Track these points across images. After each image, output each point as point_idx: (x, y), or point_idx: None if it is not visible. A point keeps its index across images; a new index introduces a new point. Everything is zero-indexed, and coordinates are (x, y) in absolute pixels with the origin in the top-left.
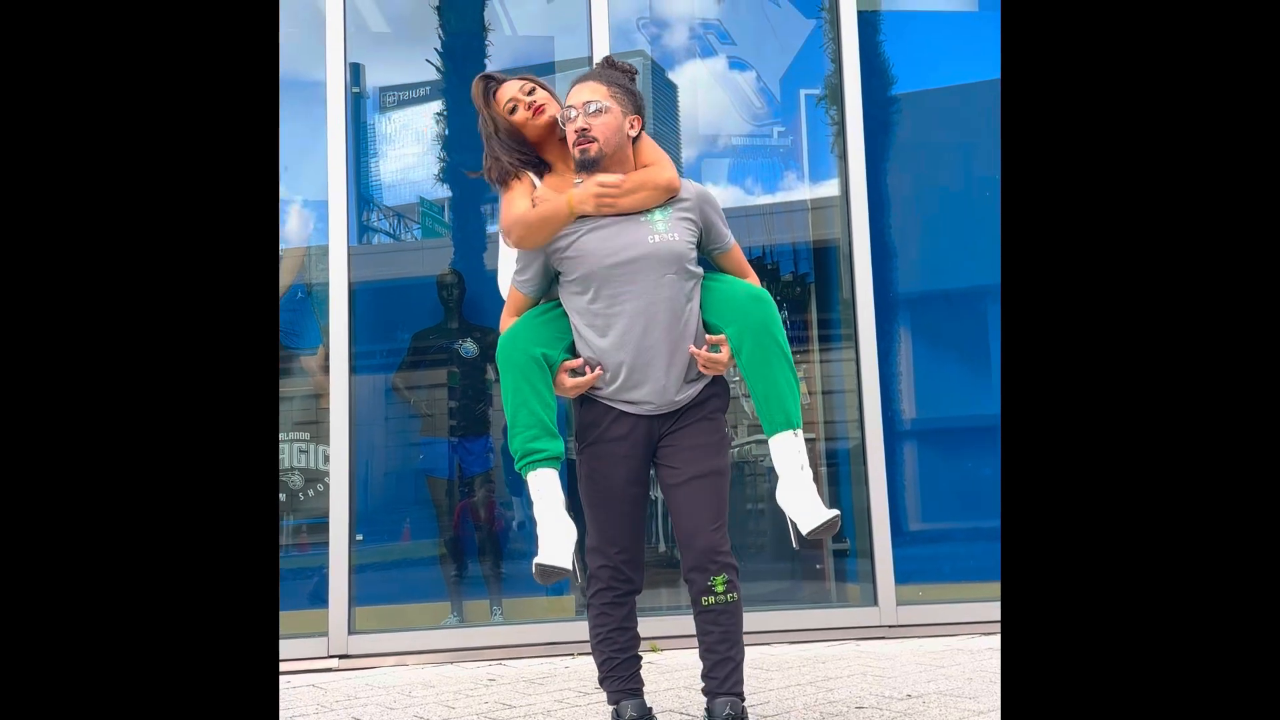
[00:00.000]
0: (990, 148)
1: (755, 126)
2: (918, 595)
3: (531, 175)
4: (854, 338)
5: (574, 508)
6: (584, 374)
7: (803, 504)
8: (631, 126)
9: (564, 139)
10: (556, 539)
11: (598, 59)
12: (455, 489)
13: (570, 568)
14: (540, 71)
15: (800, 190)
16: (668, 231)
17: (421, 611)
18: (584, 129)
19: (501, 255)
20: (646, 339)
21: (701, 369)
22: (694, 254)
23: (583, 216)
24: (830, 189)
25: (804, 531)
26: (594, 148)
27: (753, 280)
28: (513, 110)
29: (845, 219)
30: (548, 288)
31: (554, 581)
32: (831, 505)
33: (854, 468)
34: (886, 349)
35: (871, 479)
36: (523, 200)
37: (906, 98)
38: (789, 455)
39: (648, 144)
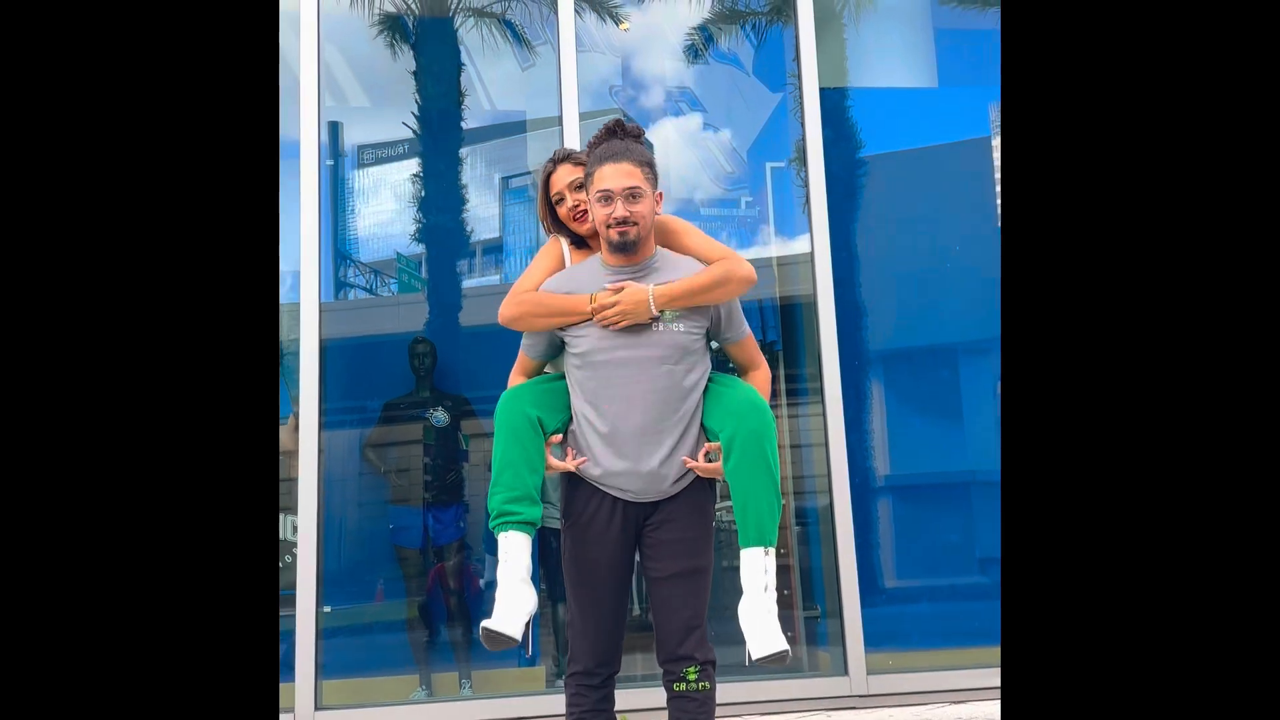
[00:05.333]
0: (956, 206)
1: (725, 191)
2: (888, 664)
3: (564, 242)
4: (820, 393)
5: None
6: (564, 454)
7: (759, 628)
8: (657, 202)
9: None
10: (512, 606)
11: (569, 121)
12: (425, 559)
13: (519, 638)
14: (512, 131)
15: (768, 248)
16: (672, 322)
17: (389, 685)
18: (625, 217)
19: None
20: (631, 425)
21: (697, 471)
22: (699, 344)
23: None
24: (796, 246)
25: (754, 657)
26: (634, 232)
27: (761, 369)
28: (558, 201)
29: (811, 279)
30: (553, 356)
31: (500, 649)
32: (801, 564)
33: (823, 526)
34: (857, 406)
35: (840, 538)
36: (541, 271)
37: (872, 160)
38: (755, 574)
39: (688, 229)
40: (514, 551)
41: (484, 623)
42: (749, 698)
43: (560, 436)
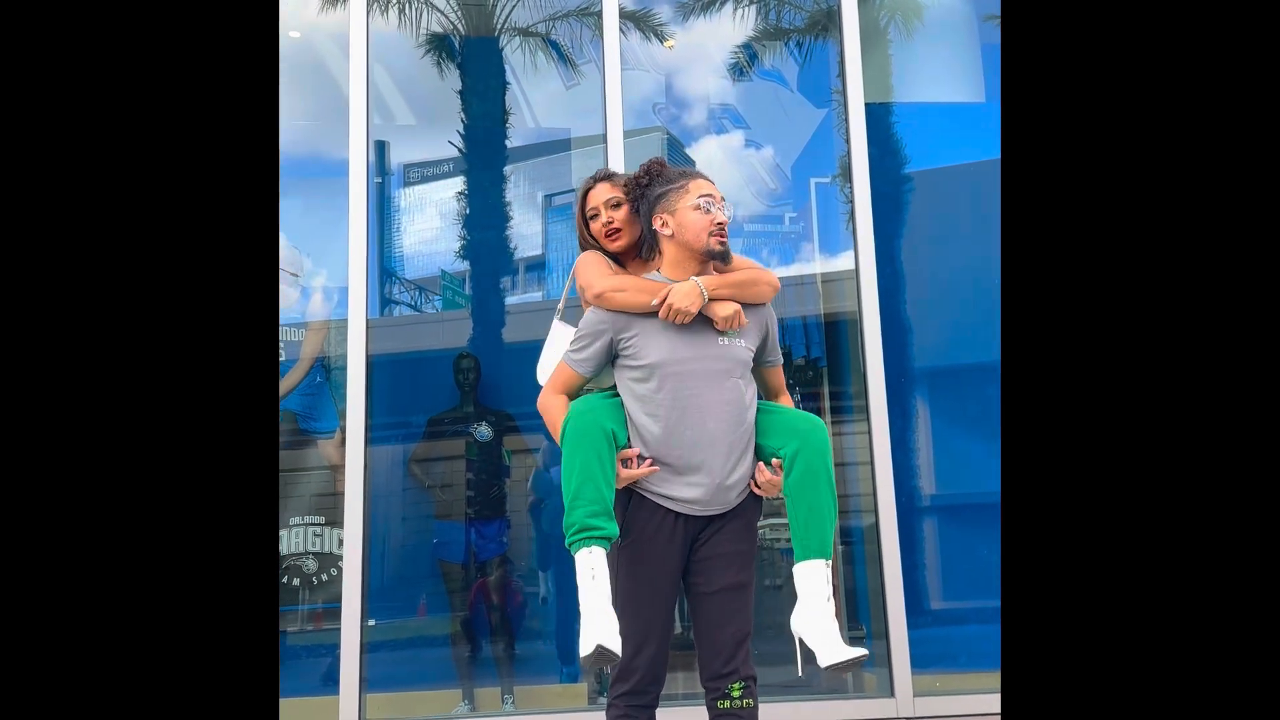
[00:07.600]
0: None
1: (768, 207)
2: (934, 685)
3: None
4: (865, 411)
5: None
6: (632, 465)
7: (827, 637)
8: None
9: (645, 241)
10: (611, 623)
11: (613, 140)
12: (468, 573)
13: (620, 654)
14: (556, 149)
15: (812, 264)
16: (735, 337)
17: (433, 699)
18: (724, 224)
19: (552, 335)
20: (706, 436)
21: (755, 489)
22: (751, 363)
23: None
24: (841, 263)
25: (824, 664)
26: (727, 240)
27: (787, 396)
28: (593, 216)
29: (856, 295)
30: (601, 370)
31: (601, 666)
32: (846, 584)
33: (868, 546)
34: (903, 424)
35: (886, 558)
36: (603, 267)
37: (918, 175)
38: (817, 584)
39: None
40: (600, 569)
41: (599, 640)
42: (794, 717)
43: (634, 452)
